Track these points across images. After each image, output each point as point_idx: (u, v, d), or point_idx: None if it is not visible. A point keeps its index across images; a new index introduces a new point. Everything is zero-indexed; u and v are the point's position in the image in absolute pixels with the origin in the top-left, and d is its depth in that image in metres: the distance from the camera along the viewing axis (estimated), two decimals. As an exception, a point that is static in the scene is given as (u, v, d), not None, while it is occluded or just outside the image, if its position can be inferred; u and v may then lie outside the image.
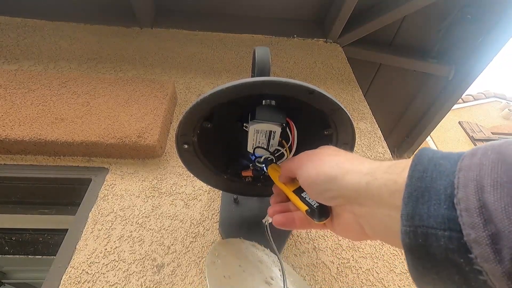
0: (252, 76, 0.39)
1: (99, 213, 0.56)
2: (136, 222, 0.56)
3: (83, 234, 0.53)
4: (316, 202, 0.29)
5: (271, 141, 0.37)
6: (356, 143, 0.39)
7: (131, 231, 0.54)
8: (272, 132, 0.36)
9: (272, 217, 0.33)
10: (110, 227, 0.55)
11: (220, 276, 0.41)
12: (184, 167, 0.44)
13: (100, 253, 0.51)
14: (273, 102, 0.35)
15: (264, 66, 0.37)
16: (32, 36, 0.97)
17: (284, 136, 0.37)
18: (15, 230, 0.88)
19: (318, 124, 0.38)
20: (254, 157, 0.40)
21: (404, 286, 0.53)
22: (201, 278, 0.50)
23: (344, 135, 0.38)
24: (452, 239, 0.15)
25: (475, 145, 3.93)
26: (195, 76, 0.93)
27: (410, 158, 0.20)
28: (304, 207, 0.29)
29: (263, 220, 0.44)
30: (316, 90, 0.31)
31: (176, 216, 0.58)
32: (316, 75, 1.03)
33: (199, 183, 0.64)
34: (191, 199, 0.61)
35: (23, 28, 0.99)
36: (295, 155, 0.38)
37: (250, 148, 0.39)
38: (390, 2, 1.11)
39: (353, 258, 0.56)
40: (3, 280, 1.19)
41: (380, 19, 1.12)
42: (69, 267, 0.49)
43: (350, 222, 0.26)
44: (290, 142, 0.38)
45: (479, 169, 0.15)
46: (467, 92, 1.50)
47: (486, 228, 0.14)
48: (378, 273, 0.54)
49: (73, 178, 0.62)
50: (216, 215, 0.58)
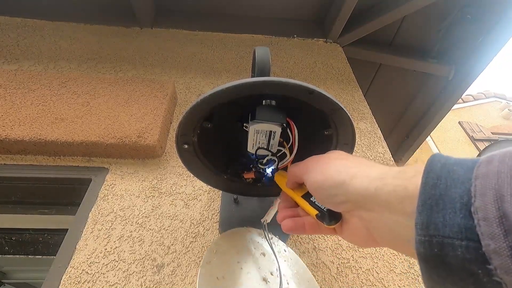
0: (252, 76, 0.39)
1: (99, 213, 0.56)
2: (136, 222, 0.56)
3: (83, 234, 0.53)
4: None
5: (271, 141, 0.37)
6: (356, 143, 0.39)
7: (131, 231, 0.54)
8: (272, 132, 0.36)
9: (281, 222, 0.32)
10: (110, 227, 0.55)
11: (213, 277, 0.41)
12: (184, 167, 0.44)
13: (100, 253, 0.51)
14: (273, 102, 0.35)
15: (264, 66, 0.37)
16: (32, 36, 0.97)
17: (284, 136, 0.37)
18: (15, 230, 0.88)
19: (318, 124, 0.38)
20: (255, 158, 0.40)
21: (404, 286, 0.53)
22: (201, 278, 0.50)
23: (344, 135, 0.38)
24: (469, 249, 0.15)
25: (475, 145, 3.93)
26: (195, 76, 0.93)
27: (418, 163, 0.20)
28: (314, 212, 0.29)
29: (262, 220, 0.45)
30: (316, 90, 0.31)
31: (176, 216, 0.58)
32: (316, 75, 1.03)
33: (199, 183, 0.64)
34: (191, 199, 0.61)
35: (23, 28, 0.99)
36: (296, 155, 0.38)
37: (250, 148, 0.39)
38: (390, 2, 1.11)
39: (353, 258, 0.56)
40: (3, 280, 1.19)
41: (380, 19, 1.12)
42: (69, 267, 0.49)
43: (358, 228, 0.25)
44: (291, 142, 0.38)
45: (497, 177, 0.15)
46: (467, 92, 1.50)
47: (507, 238, 0.14)
48: (378, 273, 0.54)
49: (73, 178, 0.62)
50: (216, 215, 0.58)
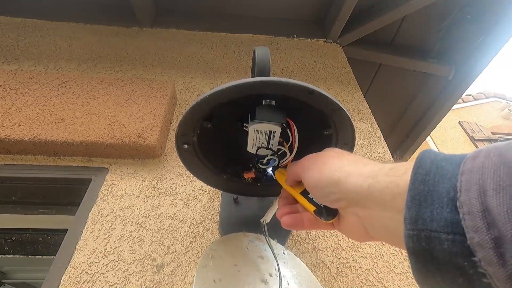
0: (252, 76, 0.39)
1: (99, 213, 0.56)
2: (136, 222, 0.56)
3: (83, 234, 0.53)
4: None
5: (271, 141, 0.37)
6: (356, 143, 0.39)
7: (131, 231, 0.54)
8: (272, 132, 0.36)
9: (281, 218, 0.33)
10: (110, 227, 0.55)
11: (209, 280, 0.40)
12: (184, 167, 0.44)
13: (100, 253, 0.51)
14: (273, 102, 0.35)
15: (264, 66, 0.37)
16: (31, 36, 0.96)
17: (284, 136, 0.37)
18: (15, 230, 0.88)
19: (318, 124, 0.38)
20: (256, 157, 0.40)
21: (404, 286, 0.53)
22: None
23: (344, 135, 0.38)
24: (455, 242, 0.15)
25: (475, 145, 3.93)
26: (195, 76, 0.93)
27: (411, 160, 0.20)
28: (312, 207, 0.30)
29: (261, 220, 0.44)
30: (316, 90, 0.31)
31: (176, 216, 0.58)
32: (316, 75, 1.03)
33: (199, 183, 0.64)
34: (191, 199, 0.61)
35: (22, 28, 0.99)
36: (296, 155, 0.38)
37: (250, 148, 0.39)
38: (390, 2, 1.11)
39: (353, 258, 0.56)
40: (3, 280, 1.19)
41: (380, 19, 1.12)
42: (69, 267, 0.49)
43: (354, 224, 0.26)
44: (291, 142, 0.38)
45: (481, 172, 0.15)
46: (467, 92, 1.50)
47: (489, 231, 0.14)
48: (378, 273, 0.54)
49: (73, 178, 0.62)
50: (216, 215, 0.58)
